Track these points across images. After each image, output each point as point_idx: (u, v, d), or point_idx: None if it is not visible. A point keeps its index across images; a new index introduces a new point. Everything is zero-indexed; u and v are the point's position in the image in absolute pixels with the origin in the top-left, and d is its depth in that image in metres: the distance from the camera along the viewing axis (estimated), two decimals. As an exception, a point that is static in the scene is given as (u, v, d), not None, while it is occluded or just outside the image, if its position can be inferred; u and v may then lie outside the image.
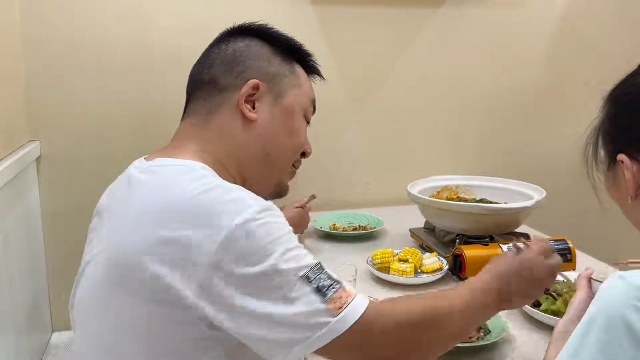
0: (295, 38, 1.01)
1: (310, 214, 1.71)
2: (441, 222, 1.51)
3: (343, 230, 1.68)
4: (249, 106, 0.91)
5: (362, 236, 1.65)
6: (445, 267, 1.35)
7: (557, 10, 2.07)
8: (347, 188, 1.98)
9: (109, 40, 1.69)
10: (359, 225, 1.73)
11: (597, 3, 2.09)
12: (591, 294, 0.88)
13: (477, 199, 1.63)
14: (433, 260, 1.37)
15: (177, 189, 0.77)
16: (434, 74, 1.99)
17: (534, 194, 1.51)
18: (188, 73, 0.99)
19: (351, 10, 1.87)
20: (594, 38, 2.09)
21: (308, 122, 1.01)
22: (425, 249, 1.51)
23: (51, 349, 1.70)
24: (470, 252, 1.32)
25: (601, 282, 0.90)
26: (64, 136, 1.71)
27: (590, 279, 0.91)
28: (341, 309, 0.71)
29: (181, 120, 0.96)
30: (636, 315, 0.57)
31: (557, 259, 0.94)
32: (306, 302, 0.71)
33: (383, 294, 1.28)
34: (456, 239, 1.44)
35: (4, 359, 1.32)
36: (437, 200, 1.52)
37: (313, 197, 1.62)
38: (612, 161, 0.78)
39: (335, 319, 0.71)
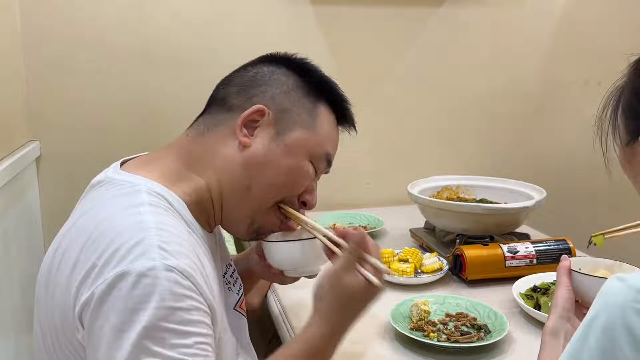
0: (335, 80, 0.93)
1: (310, 213, 1.70)
2: (441, 222, 1.51)
3: (343, 230, 1.67)
4: (245, 130, 0.85)
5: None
6: (446, 267, 1.35)
7: (557, 10, 2.07)
8: (347, 188, 1.98)
9: (109, 40, 1.69)
10: (359, 225, 1.73)
11: (597, 3, 2.09)
12: (572, 289, 0.85)
13: (477, 199, 1.63)
14: (433, 260, 1.37)
15: (99, 214, 0.75)
16: (434, 73, 1.99)
17: (534, 194, 1.51)
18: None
19: (351, 10, 1.87)
20: (594, 38, 2.09)
21: (316, 172, 0.91)
22: (425, 249, 1.51)
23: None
24: (471, 252, 1.32)
25: (581, 273, 0.88)
26: (64, 136, 1.70)
27: (570, 272, 0.86)
28: None
29: (186, 129, 0.92)
30: (636, 318, 0.56)
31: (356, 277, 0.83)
32: None
33: (383, 294, 1.28)
34: (456, 239, 1.44)
35: (4, 359, 1.32)
36: (437, 200, 1.52)
37: None
38: (632, 138, 0.73)
39: None
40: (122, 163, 0.88)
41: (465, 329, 1.10)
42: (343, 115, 0.94)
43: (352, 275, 0.82)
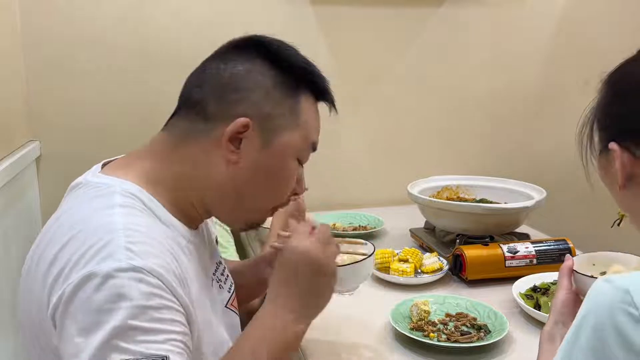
0: (310, 60, 0.90)
1: (311, 214, 1.71)
2: (441, 222, 1.51)
3: (343, 230, 1.67)
4: (232, 147, 0.82)
5: (362, 236, 1.65)
6: (445, 267, 1.35)
7: (557, 10, 2.07)
8: (347, 188, 1.98)
9: (109, 40, 1.69)
10: (359, 225, 1.73)
11: (597, 3, 2.09)
12: (572, 291, 0.86)
13: (477, 199, 1.63)
14: (433, 260, 1.37)
15: (75, 215, 0.76)
16: (434, 73, 1.99)
17: (534, 194, 1.51)
18: (189, 72, 0.95)
19: (351, 10, 1.87)
20: (594, 38, 2.09)
21: (301, 164, 0.91)
22: (425, 249, 1.51)
23: (51, 349, 1.70)
24: (471, 252, 1.32)
25: (583, 274, 0.88)
26: (64, 136, 1.70)
27: (572, 273, 0.88)
28: None
29: (162, 129, 0.90)
30: (625, 318, 0.56)
31: (334, 248, 0.87)
32: None
33: (383, 294, 1.28)
34: (456, 239, 1.44)
35: (4, 358, 1.32)
36: (437, 200, 1.52)
37: None
38: (604, 147, 0.76)
39: None
40: (104, 165, 0.88)
41: (465, 329, 1.10)
42: (323, 97, 0.93)
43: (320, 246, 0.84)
